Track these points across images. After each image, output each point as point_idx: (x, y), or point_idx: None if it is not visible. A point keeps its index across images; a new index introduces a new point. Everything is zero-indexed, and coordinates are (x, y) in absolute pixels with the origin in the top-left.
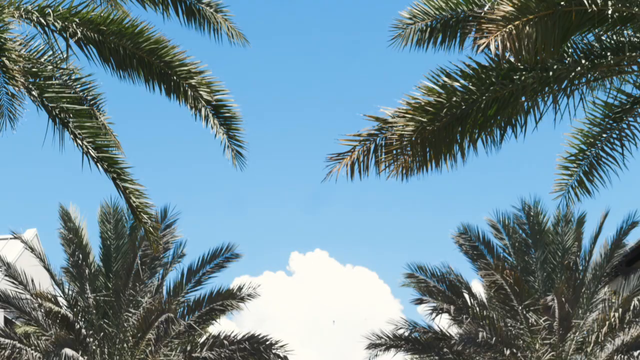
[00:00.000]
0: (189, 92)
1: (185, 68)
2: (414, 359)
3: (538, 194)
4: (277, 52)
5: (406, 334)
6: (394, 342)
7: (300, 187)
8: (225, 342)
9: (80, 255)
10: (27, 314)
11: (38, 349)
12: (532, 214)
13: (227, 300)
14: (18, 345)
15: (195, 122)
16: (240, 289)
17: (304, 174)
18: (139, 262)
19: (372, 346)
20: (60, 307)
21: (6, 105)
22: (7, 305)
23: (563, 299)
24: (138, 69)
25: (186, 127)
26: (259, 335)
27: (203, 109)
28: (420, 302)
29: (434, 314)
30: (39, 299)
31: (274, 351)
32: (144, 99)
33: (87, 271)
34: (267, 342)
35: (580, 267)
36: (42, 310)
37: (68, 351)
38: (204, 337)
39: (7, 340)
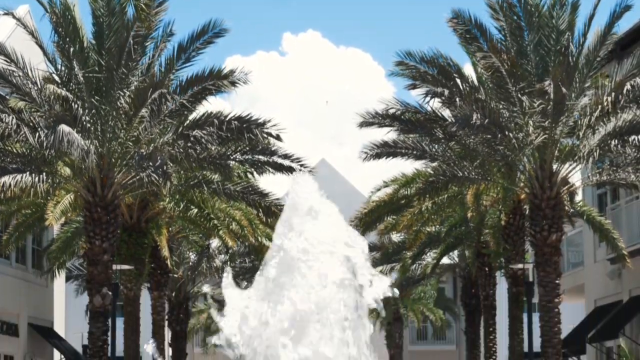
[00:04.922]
0: None
1: None
2: (405, 139)
3: None
4: None
5: (397, 113)
6: (386, 120)
7: None
8: (216, 120)
9: (72, 32)
10: (20, 90)
11: (32, 124)
12: None
13: (218, 80)
14: (14, 120)
15: None
16: (232, 72)
17: None
18: (131, 40)
19: (364, 124)
20: (60, 88)
21: None
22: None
23: (558, 83)
24: None
25: None
26: (250, 114)
27: None
28: (413, 87)
29: (427, 98)
30: (36, 79)
31: (265, 130)
32: None
33: (79, 48)
34: (259, 121)
35: (574, 51)
36: (37, 88)
37: (65, 128)
38: (195, 116)
39: (3, 116)
